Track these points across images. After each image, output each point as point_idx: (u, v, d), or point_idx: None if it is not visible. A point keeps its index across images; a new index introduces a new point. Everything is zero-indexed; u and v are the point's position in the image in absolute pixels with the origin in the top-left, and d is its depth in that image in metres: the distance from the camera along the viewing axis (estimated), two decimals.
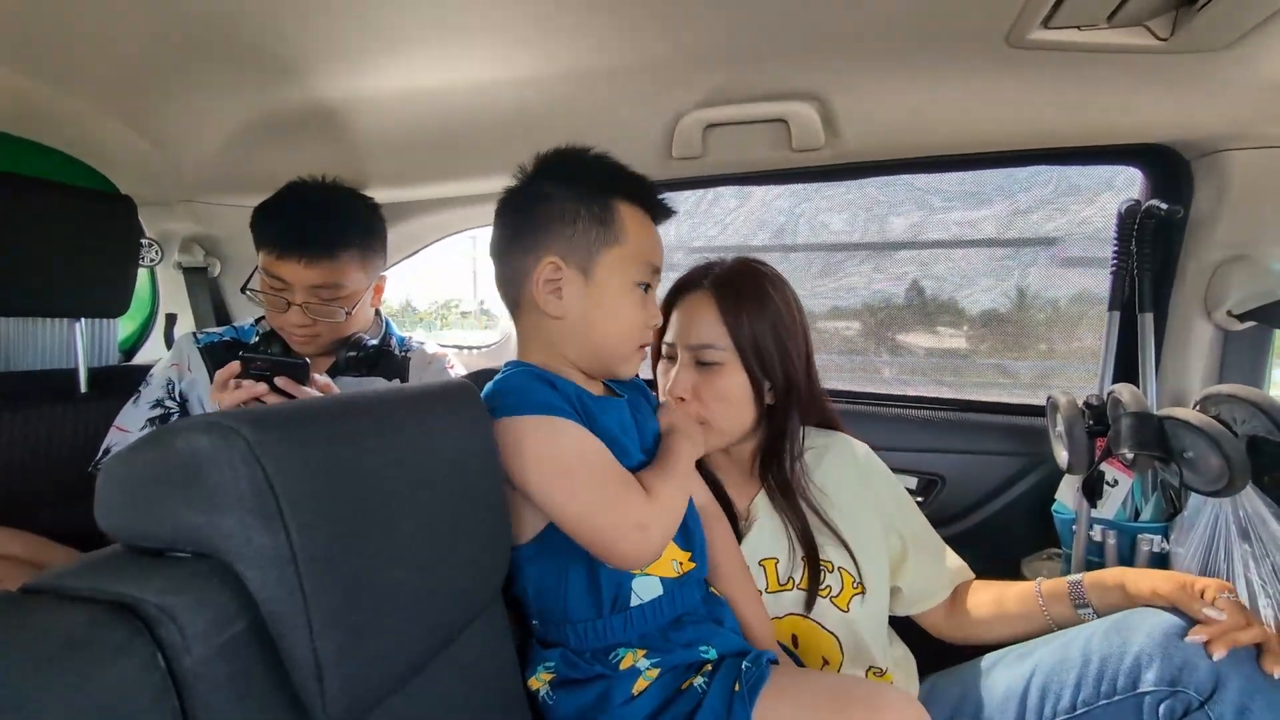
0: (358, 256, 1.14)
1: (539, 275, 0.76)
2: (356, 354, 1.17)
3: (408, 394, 0.59)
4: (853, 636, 0.90)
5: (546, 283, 0.76)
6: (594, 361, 0.80)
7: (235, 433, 0.42)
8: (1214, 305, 1.14)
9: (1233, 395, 1.00)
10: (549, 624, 0.76)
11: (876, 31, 0.95)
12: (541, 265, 0.76)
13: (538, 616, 0.77)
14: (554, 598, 0.74)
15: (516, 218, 0.80)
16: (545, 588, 0.74)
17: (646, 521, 0.69)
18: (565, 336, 0.78)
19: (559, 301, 0.77)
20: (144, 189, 1.48)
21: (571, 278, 0.76)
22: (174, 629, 0.39)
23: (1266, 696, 0.70)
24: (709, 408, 0.92)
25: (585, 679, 0.72)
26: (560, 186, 0.78)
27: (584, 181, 0.79)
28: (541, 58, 1.04)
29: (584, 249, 0.76)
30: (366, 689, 0.47)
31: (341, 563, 0.45)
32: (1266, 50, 0.86)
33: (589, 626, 0.73)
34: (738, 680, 0.69)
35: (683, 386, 0.93)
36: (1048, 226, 1.48)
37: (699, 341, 0.93)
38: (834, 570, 0.92)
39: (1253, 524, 0.95)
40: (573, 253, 0.76)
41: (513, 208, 0.81)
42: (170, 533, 0.44)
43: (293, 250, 1.08)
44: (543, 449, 0.69)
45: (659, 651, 0.72)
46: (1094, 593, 0.91)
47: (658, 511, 0.71)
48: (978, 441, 1.36)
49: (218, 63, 1.07)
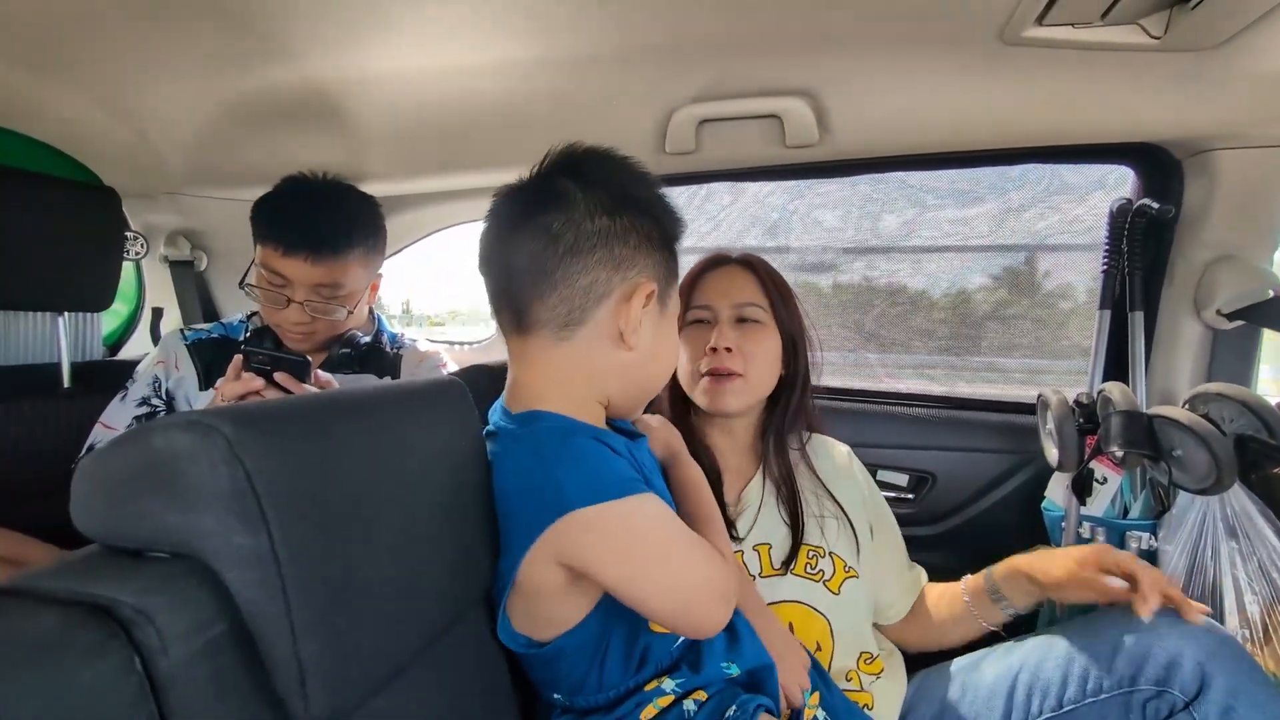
0: (362, 256, 1.13)
1: (633, 299, 0.67)
2: (349, 351, 1.16)
3: (393, 392, 0.58)
4: (844, 620, 0.91)
5: (636, 311, 0.67)
6: (634, 401, 0.74)
7: (215, 430, 0.41)
8: (1203, 304, 1.15)
9: (1221, 394, 1.00)
10: (577, 694, 0.69)
11: (869, 28, 0.95)
12: (637, 288, 0.67)
13: (564, 690, 0.70)
14: (588, 674, 0.68)
15: (595, 222, 0.66)
16: (579, 669, 0.68)
17: (729, 589, 0.65)
18: (622, 371, 0.69)
19: (638, 335, 0.68)
20: (128, 180, 1.45)
21: (652, 308, 0.70)
22: (151, 631, 0.38)
23: (1251, 696, 0.71)
24: (750, 360, 0.95)
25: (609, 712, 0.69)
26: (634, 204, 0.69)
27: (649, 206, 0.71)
28: (533, 48, 1.03)
29: (664, 279, 0.71)
30: (349, 690, 0.46)
31: (324, 563, 0.44)
32: (1257, 50, 0.86)
33: (620, 687, 0.68)
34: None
35: (728, 338, 0.95)
36: (1040, 225, 1.48)
37: (742, 300, 0.98)
38: (826, 555, 0.93)
39: (1240, 522, 0.96)
40: (658, 280, 0.70)
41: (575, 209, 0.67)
42: (149, 533, 0.43)
43: (299, 248, 1.06)
44: (633, 537, 0.61)
45: (683, 675, 0.69)
46: (1006, 585, 0.94)
47: (732, 571, 0.67)
48: (969, 439, 1.36)
49: (201, 49, 1.05)
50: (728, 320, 0.97)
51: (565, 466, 0.60)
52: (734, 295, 0.98)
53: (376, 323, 1.27)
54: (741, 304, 0.97)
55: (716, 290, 0.99)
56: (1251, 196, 1.10)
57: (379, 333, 1.26)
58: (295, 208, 1.10)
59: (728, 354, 0.94)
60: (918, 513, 1.37)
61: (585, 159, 0.72)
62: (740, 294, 0.98)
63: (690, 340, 0.99)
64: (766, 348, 0.97)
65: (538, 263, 0.66)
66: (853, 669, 0.89)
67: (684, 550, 0.63)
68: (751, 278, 0.99)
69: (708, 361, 0.95)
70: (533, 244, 0.66)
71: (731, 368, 0.94)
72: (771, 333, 0.97)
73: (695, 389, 0.98)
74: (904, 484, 1.38)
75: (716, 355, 0.94)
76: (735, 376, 0.94)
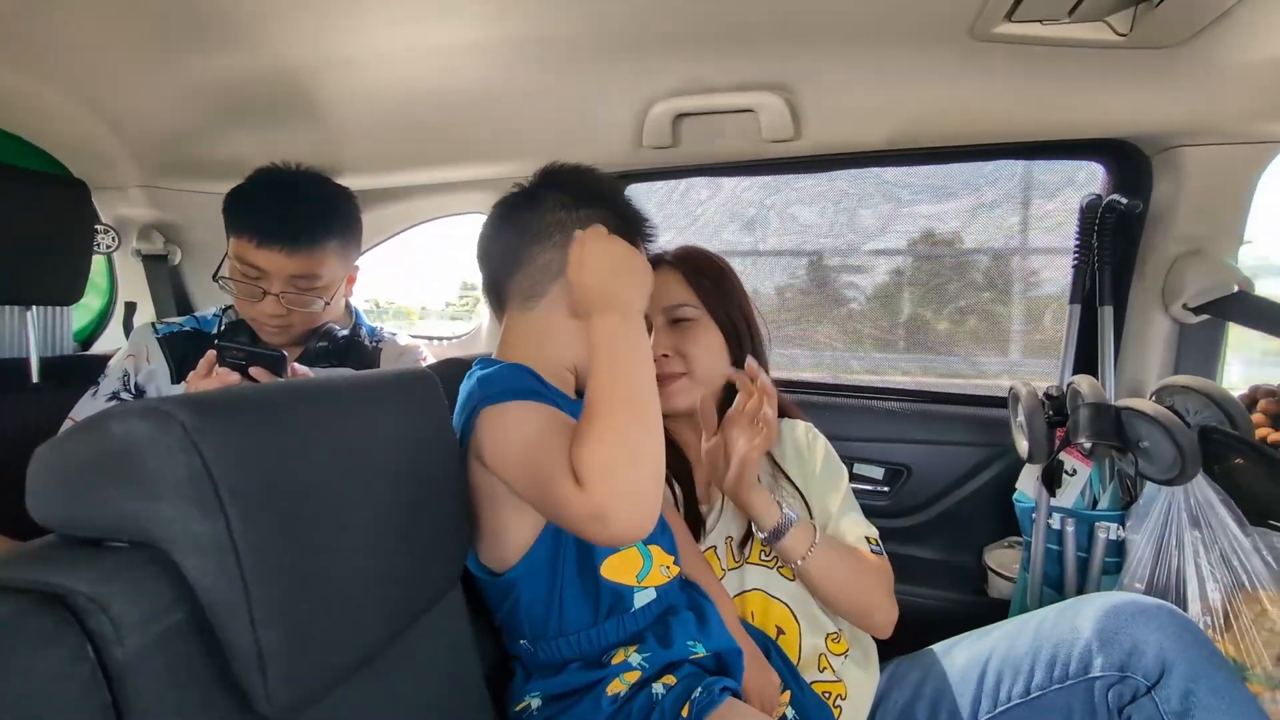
0: (338, 247, 1.12)
1: None
2: (326, 344, 1.15)
3: (360, 381, 0.58)
4: (804, 604, 0.92)
5: None
6: None
7: (172, 418, 0.41)
8: (1171, 298, 1.17)
9: (1187, 387, 1.02)
10: (542, 640, 0.73)
11: (842, 23, 0.95)
12: None
13: (529, 635, 0.74)
14: (549, 613, 0.72)
15: (557, 214, 0.78)
16: (537, 605, 0.72)
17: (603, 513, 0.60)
18: (579, 340, 0.72)
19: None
20: (98, 173, 1.43)
21: None
22: (105, 619, 0.38)
23: (1210, 681, 0.72)
24: (689, 359, 0.97)
25: (578, 688, 0.71)
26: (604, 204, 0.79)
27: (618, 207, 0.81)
28: (510, 41, 1.02)
29: None
30: (313, 679, 0.46)
31: (285, 550, 0.44)
32: (1219, 47, 0.88)
33: (584, 635, 0.72)
34: (687, 704, 0.68)
35: (662, 345, 0.97)
36: (1012, 220, 1.50)
37: (670, 302, 0.99)
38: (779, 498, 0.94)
39: (1203, 511, 0.98)
40: None
41: (543, 206, 0.79)
42: (106, 521, 0.43)
43: (275, 239, 1.05)
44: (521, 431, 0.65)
45: (649, 649, 0.72)
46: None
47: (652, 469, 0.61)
48: (943, 432, 1.38)
49: (172, 39, 1.04)
50: (661, 326, 0.98)
51: (487, 379, 0.70)
52: (661, 298, 0.99)
53: (354, 316, 1.26)
54: (670, 306, 0.99)
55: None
56: (1217, 192, 1.12)
57: (357, 326, 1.25)
58: (270, 198, 1.09)
59: (665, 359, 0.96)
60: (893, 505, 1.38)
61: (558, 170, 0.84)
62: (668, 296, 0.99)
63: None
64: (704, 343, 0.98)
65: (510, 249, 0.79)
66: (823, 651, 0.91)
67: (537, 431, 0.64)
68: (678, 277, 1.00)
69: None
70: (508, 235, 0.80)
71: (672, 370, 0.96)
72: (708, 327, 0.99)
73: None
74: (879, 477, 1.40)
75: (658, 363, 0.95)
76: (679, 377, 0.97)
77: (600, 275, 0.69)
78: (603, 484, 0.56)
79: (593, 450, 0.58)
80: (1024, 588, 1.21)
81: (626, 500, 0.57)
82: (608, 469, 0.57)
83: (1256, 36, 0.86)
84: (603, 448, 0.58)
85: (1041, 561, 1.17)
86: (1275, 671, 0.88)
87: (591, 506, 0.56)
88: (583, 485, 0.57)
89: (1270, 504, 0.90)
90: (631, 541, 0.66)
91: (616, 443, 0.58)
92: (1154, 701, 0.73)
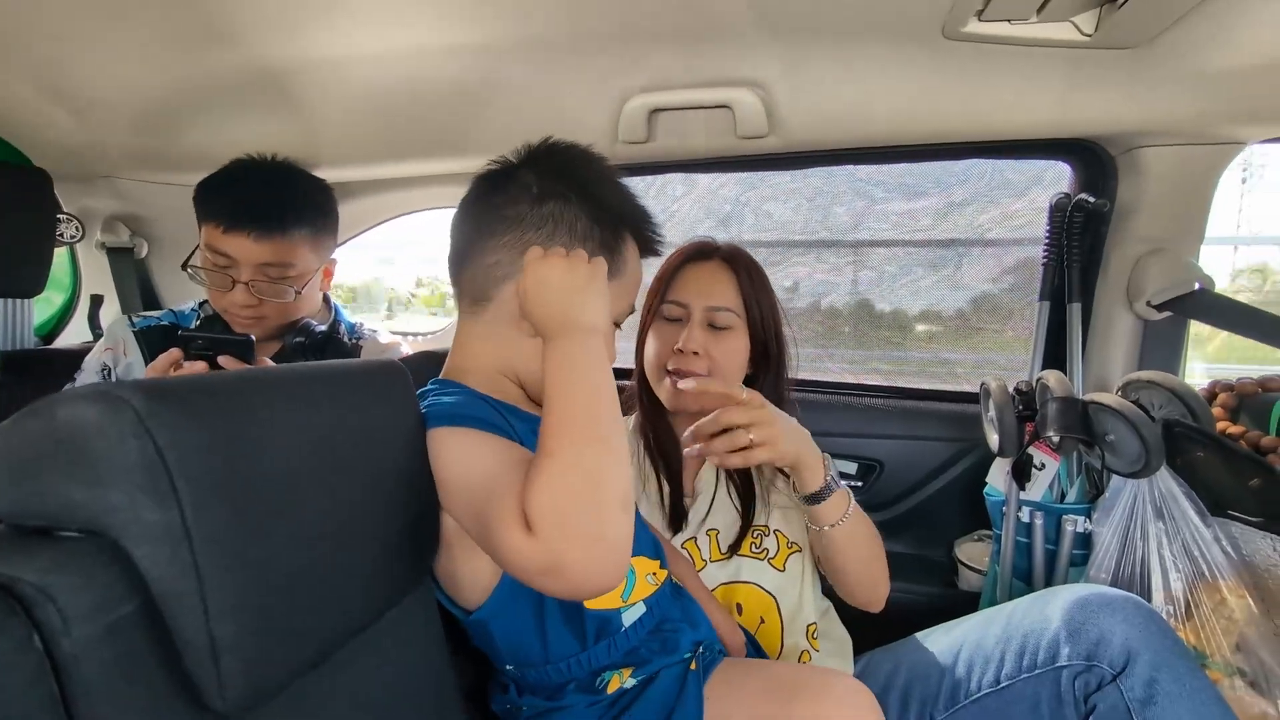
0: (309, 235, 1.10)
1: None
2: (303, 340, 1.12)
3: (327, 371, 0.57)
4: (790, 595, 0.92)
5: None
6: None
7: (124, 402, 0.40)
8: (1135, 296, 1.20)
9: (1151, 381, 1.04)
10: (527, 667, 0.70)
11: (816, 20, 0.96)
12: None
13: (514, 663, 0.71)
14: (530, 645, 0.68)
15: (516, 208, 0.70)
16: (516, 639, 0.69)
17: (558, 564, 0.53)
18: (526, 355, 0.70)
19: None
20: (62, 162, 1.39)
21: None
22: (52, 609, 0.37)
23: (1172, 669, 0.74)
24: (716, 364, 0.95)
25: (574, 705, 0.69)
26: (577, 194, 0.71)
27: (601, 198, 0.72)
28: (485, 33, 1.02)
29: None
30: (268, 674, 0.45)
31: (243, 541, 0.43)
32: (1181, 49, 0.90)
33: (574, 661, 0.69)
34: (694, 659, 0.69)
35: (696, 342, 0.94)
36: (982, 219, 1.53)
37: (717, 304, 0.96)
38: (770, 533, 0.94)
39: (1166, 503, 1.00)
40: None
41: (508, 195, 0.71)
42: (55, 509, 0.41)
43: (242, 224, 1.03)
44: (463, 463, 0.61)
45: (644, 666, 0.70)
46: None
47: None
48: (915, 427, 1.40)
49: (141, 27, 1.01)
50: (699, 322, 0.96)
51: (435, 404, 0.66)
52: (710, 297, 0.96)
53: (334, 312, 1.24)
54: (715, 308, 0.96)
55: (693, 288, 0.98)
56: (1178, 192, 1.15)
57: (336, 322, 1.22)
58: (239, 184, 1.07)
59: (694, 357, 0.94)
60: (866, 500, 1.39)
61: (541, 150, 0.75)
62: (715, 296, 0.96)
63: (660, 335, 0.98)
64: (734, 351, 0.96)
65: (465, 240, 0.73)
66: (805, 647, 0.91)
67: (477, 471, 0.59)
68: (731, 279, 0.97)
69: (674, 361, 0.95)
70: (465, 225, 0.74)
71: (696, 371, 0.93)
72: (742, 336, 0.97)
73: (659, 385, 0.98)
74: (853, 472, 1.41)
75: (683, 357, 0.94)
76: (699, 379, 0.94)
77: (550, 304, 0.63)
78: (557, 529, 0.49)
79: (545, 489, 0.50)
80: (994, 580, 1.22)
81: (587, 548, 0.50)
82: (563, 512, 0.50)
83: (1215, 41, 0.89)
84: (557, 486, 0.50)
85: (1011, 554, 1.19)
86: (1233, 659, 0.90)
87: (544, 557, 0.49)
88: (534, 531, 0.49)
89: (1229, 495, 0.93)
90: (598, 595, 0.54)
91: (574, 480, 0.51)
92: (1119, 690, 0.74)
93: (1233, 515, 0.93)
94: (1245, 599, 0.91)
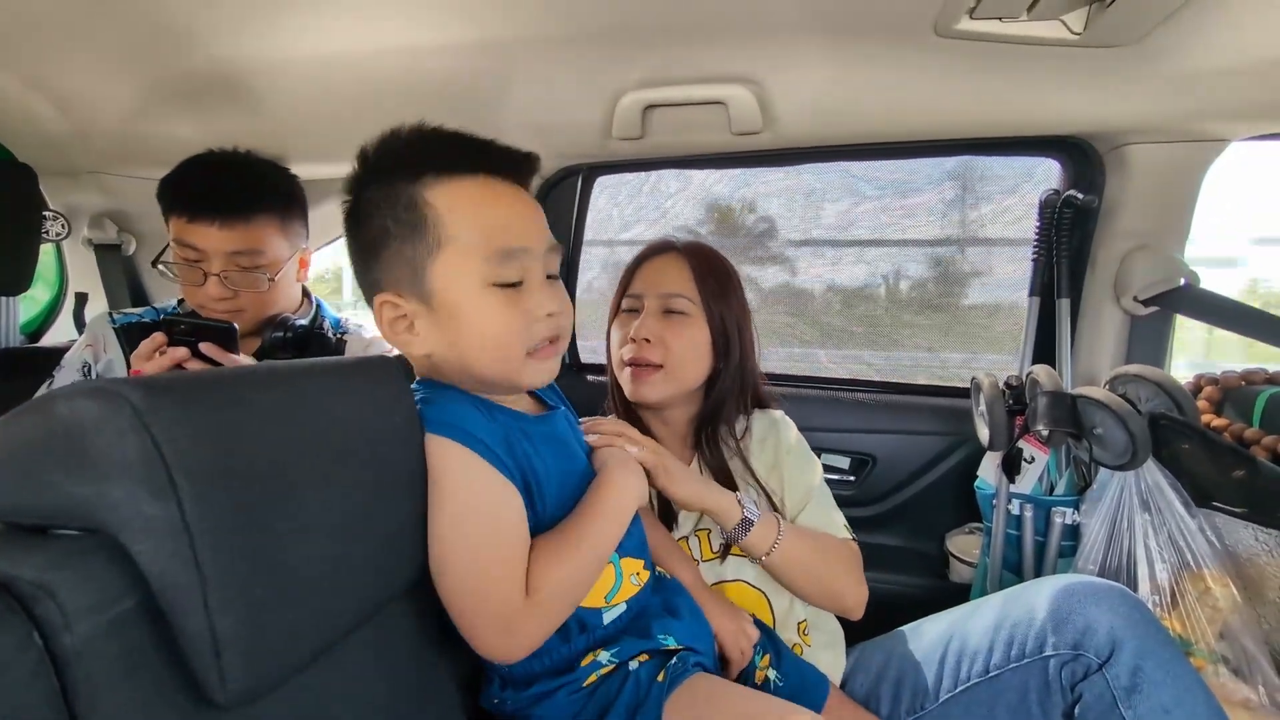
0: (277, 221, 1.10)
1: (381, 319, 0.66)
2: (284, 335, 1.11)
3: (319, 366, 0.57)
4: (781, 593, 0.93)
5: (392, 324, 0.66)
6: (485, 387, 0.68)
7: (121, 398, 0.40)
8: (1122, 291, 1.21)
9: (1138, 375, 1.06)
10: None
11: (809, 17, 0.96)
12: (379, 308, 0.66)
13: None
14: None
15: (350, 243, 0.68)
16: None
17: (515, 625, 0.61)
18: (446, 371, 0.68)
19: (419, 339, 0.66)
20: (47, 158, 1.37)
21: (416, 309, 0.65)
22: (52, 606, 0.37)
23: (1157, 658, 0.75)
24: (671, 352, 0.95)
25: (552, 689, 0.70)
26: (371, 189, 0.65)
27: (388, 175, 0.64)
28: (477, 28, 1.01)
29: (409, 269, 0.63)
30: (270, 667, 0.45)
31: (242, 534, 0.43)
32: (1167, 48, 0.91)
33: (553, 653, 0.69)
34: (663, 671, 0.69)
35: (649, 329, 0.95)
36: (973, 215, 1.54)
37: (669, 290, 0.97)
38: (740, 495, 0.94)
39: (1152, 495, 1.01)
40: (402, 279, 0.64)
41: (347, 230, 0.68)
42: (53, 506, 0.41)
43: (205, 213, 1.03)
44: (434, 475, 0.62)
45: (618, 645, 0.71)
46: None
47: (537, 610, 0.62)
48: (907, 422, 1.41)
49: (127, 23, 1.00)
50: (653, 311, 0.97)
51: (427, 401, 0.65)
52: (662, 285, 0.97)
53: (316, 306, 1.23)
54: (668, 294, 0.97)
55: (646, 279, 1.00)
56: (1165, 189, 1.16)
57: (319, 317, 1.21)
58: (200, 176, 1.07)
59: (647, 345, 0.95)
60: (858, 494, 1.41)
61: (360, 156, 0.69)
62: (668, 284, 0.97)
63: (620, 328, 1.00)
64: (690, 339, 0.96)
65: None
66: (797, 640, 0.92)
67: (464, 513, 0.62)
68: (685, 267, 0.98)
69: (629, 350, 0.96)
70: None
71: (650, 359, 0.95)
72: (698, 324, 0.96)
73: (621, 376, 0.99)
74: (845, 466, 1.42)
75: (636, 345, 0.95)
76: (654, 368, 0.95)
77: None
78: (552, 603, 0.62)
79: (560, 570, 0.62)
80: (984, 572, 1.24)
81: (551, 623, 0.64)
82: (563, 591, 0.63)
83: (1201, 40, 0.90)
84: (568, 572, 0.63)
85: (1001, 546, 1.21)
86: (1217, 647, 0.92)
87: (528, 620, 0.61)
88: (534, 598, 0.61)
89: (1214, 486, 0.94)
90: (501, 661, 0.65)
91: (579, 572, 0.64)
92: (1105, 678, 0.76)
93: (1217, 506, 0.94)
94: (1229, 588, 0.93)
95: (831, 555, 0.92)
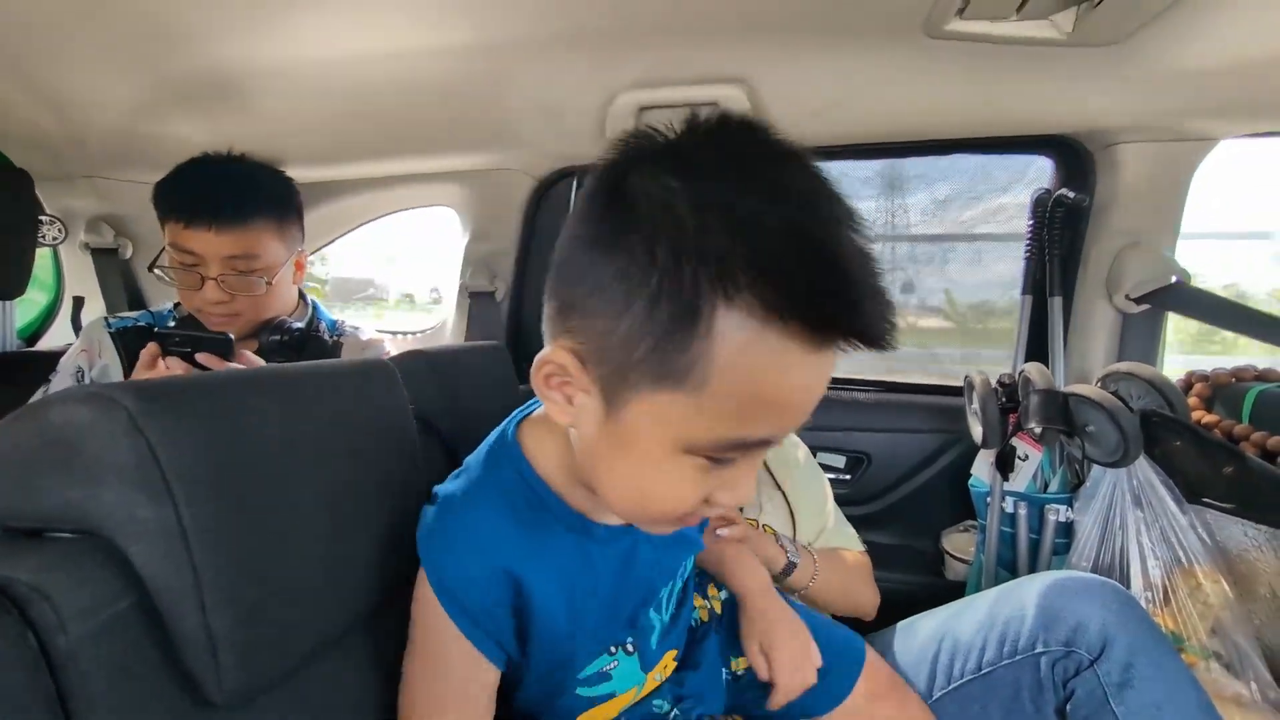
0: (273, 224, 1.10)
1: (540, 361, 0.49)
2: (280, 337, 1.11)
3: (316, 369, 0.57)
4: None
5: (548, 378, 0.49)
6: (589, 502, 0.57)
7: (116, 403, 0.40)
8: (1114, 289, 1.22)
9: (1130, 373, 1.07)
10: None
11: (800, 17, 0.97)
12: (551, 352, 0.47)
13: None
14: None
15: (579, 242, 0.46)
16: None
17: None
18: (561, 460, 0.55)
19: (567, 414, 0.49)
20: (42, 162, 1.37)
21: (593, 403, 0.47)
22: (47, 608, 0.37)
23: (1149, 654, 0.75)
24: None
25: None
26: (668, 235, 0.40)
27: (696, 250, 0.39)
28: (469, 27, 1.01)
29: (617, 361, 0.43)
30: (267, 666, 0.45)
31: (237, 536, 0.44)
32: (1156, 47, 0.92)
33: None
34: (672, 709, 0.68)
35: None
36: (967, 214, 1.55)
37: None
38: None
39: (1144, 492, 1.02)
40: (602, 356, 0.45)
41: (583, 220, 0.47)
42: (48, 510, 0.42)
43: (201, 217, 1.03)
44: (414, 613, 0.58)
45: None
46: None
47: None
48: (901, 420, 1.42)
49: (123, 26, 1.01)
50: None
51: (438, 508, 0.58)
52: None
53: (312, 308, 1.23)
54: None
55: None
56: (1155, 188, 1.17)
57: (315, 319, 1.22)
58: (195, 179, 1.07)
59: None
60: (854, 493, 1.41)
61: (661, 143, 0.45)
62: None
63: None
64: None
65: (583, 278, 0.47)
66: None
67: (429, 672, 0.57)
68: None
69: None
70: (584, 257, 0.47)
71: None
72: None
73: None
74: (841, 465, 1.43)
75: None
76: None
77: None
78: None
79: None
80: (979, 570, 1.24)
81: None
82: None
83: (1189, 39, 0.90)
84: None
85: (995, 544, 1.21)
86: (1209, 643, 0.93)
87: None
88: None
89: (1205, 482, 0.95)
90: None
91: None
92: (1096, 674, 0.76)
93: (1208, 502, 0.95)
94: (1220, 584, 0.94)
95: (854, 572, 0.97)
